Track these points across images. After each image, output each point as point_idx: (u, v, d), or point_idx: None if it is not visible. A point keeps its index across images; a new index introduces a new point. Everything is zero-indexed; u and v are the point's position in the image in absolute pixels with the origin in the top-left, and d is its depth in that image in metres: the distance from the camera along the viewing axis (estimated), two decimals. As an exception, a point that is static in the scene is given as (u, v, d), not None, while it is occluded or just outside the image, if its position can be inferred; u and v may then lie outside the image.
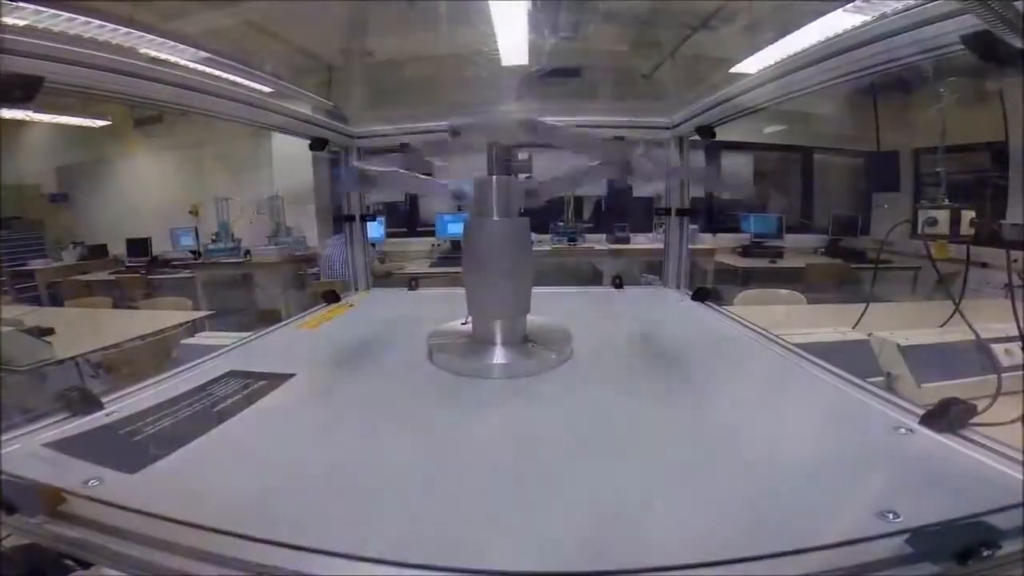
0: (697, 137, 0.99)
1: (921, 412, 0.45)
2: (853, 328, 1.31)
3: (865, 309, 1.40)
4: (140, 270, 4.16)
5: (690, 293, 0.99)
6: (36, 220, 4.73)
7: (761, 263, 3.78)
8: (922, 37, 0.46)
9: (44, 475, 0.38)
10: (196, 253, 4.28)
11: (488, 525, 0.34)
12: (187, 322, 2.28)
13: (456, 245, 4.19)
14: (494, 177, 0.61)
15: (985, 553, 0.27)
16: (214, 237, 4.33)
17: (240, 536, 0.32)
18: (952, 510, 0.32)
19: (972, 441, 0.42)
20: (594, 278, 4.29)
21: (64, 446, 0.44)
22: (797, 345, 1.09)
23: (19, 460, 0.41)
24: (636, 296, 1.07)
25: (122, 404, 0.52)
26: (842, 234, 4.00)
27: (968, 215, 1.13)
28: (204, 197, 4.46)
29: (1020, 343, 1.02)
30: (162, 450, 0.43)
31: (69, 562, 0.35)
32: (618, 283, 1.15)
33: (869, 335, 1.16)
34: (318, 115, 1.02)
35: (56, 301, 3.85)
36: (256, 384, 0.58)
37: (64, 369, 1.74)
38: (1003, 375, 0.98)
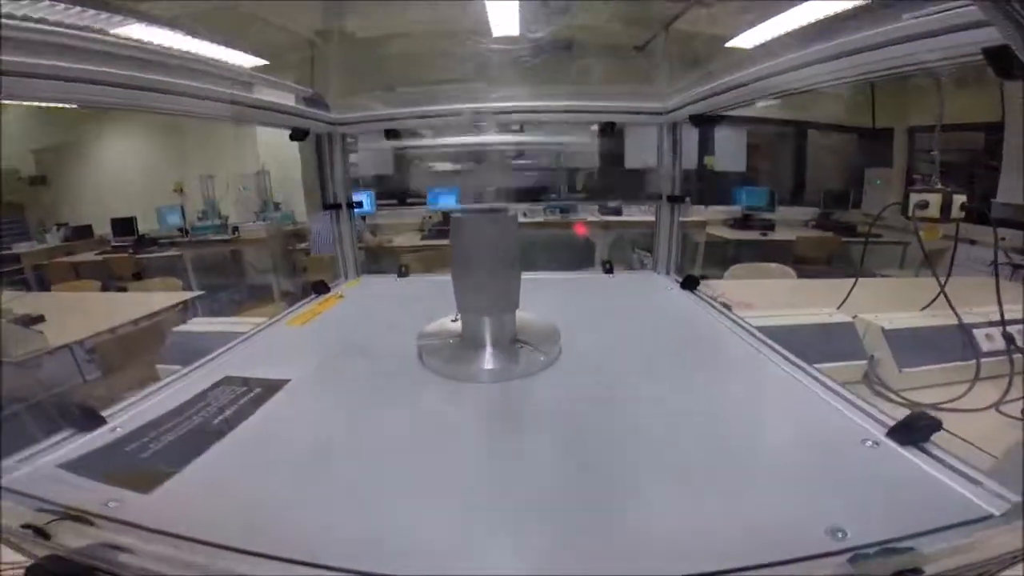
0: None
1: (891, 423, 0.47)
2: (839, 308, 1.34)
3: (852, 287, 1.43)
4: (127, 249, 4.10)
5: (679, 280, 1.00)
6: (16, 203, 4.61)
7: (752, 235, 3.80)
8: (941, 45, 0.44)
9: (69, 498, 0.39)
10: (184, 231, 4.20)
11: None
12: (178, 304, 2.27)
13: (448, 217, 4.16)
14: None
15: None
16: (201, 215, 4.25)
17: (256, 555, 0.33)
18: (900, 529, 0.33)
19: (935, 457, 0.43)
20: (586, 250, 4.30)
21: (78, 467, 0.45)
22: (782, 328, 1.12)
23: (41, 483, 0.42)
24: (626, 283, 1.07)
25: (124, 417, 0.53)
26: (834, 207, 4.01)
27: (959, 199, 1.13)
28: (188, 175, 4.35)
29: (1001, 329, 1.05)
30: (172, 467, 0.44)
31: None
32: (608, 267, 1.15)
33: (854, 317, 1.19)
34: (298, 104, 0.98)
35: (43, 285, 3.80)
36: (253, 391, 0.59)
37: (58, 359, 1.74)
38: (982, 360, 1.02)
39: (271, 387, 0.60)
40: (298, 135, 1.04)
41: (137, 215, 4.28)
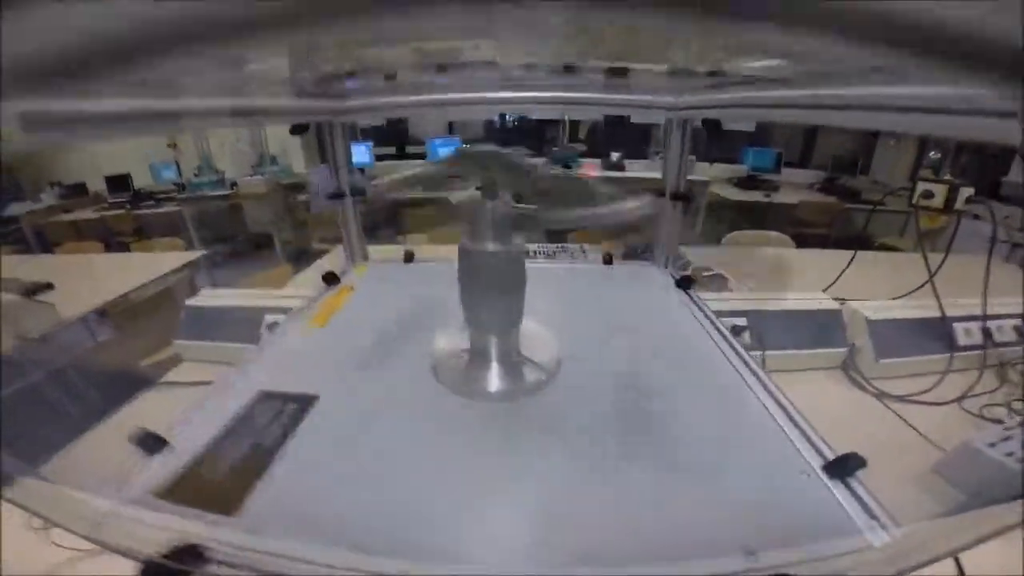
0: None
1: (830, 458, 0.53)
2: (828, 289, 1.38)
3: (847, 265, 1.46)
4: (125, 205, 4.06)
5: (676, 278, 1.04)
6: (6, 165, 4.50)
7: (755, 196, 3.77)
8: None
9: (175, 524, 0.47)
10: (180, 186, 4.15)
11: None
12: (184, 266, 2.30)
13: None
14: (489, 204, 0.61)
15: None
16: (197, 171, 4.17)
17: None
18: (800, 556, 0.41)
19: (852, 491, 0.50)
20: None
21: (166, 495, 0.51)
22: (771, 313, 1.17)
23: (141, 515, 0.48)
24: (623, 279, 1.10)
25: (177, 435, 0.60)
26: (841, 172, 3.94)
27: (966, 192, 1.15)
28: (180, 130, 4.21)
29: (980, 324, 1.10)
30: (246, 487, 0.52)
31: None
32: (608, 259, 1.18)
33: (842, 304, 1.24)
34: (296, 94, 0.96)
35: (45, 246, 3.80)
36: (289, 407, 0.65)
37: (73, 330, 1.78)
38: (960, 355, 1.08)
39: (304, 402, 0.66)
40: (298, 130, 1.03)
41: (131, 171, 4.19)
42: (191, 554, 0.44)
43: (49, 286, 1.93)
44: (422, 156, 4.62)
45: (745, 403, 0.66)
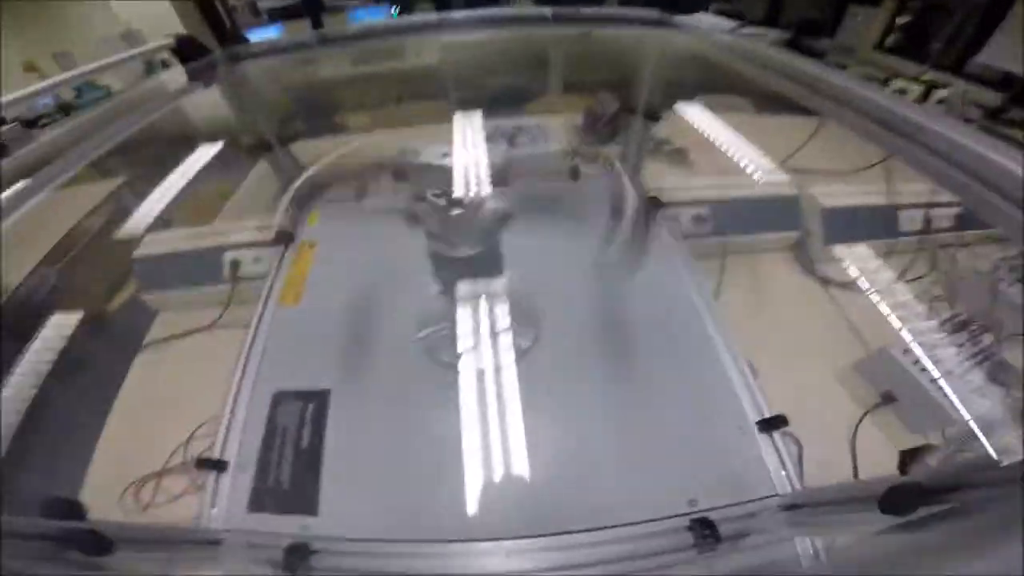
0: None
1: (767, 414, 0.64)
2: (787, 161, 1.40)
3: (808, 140, 1.45)
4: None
5: (644, 198, 1.04)
6: None
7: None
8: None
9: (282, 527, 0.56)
10: (65, 109, 3.49)
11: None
12: (104, 202, 2.01)
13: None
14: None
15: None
16: (76, 91, 3.47)
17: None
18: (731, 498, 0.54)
19: (775, 447, 0.62)
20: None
21: (260, 505, 0.60)
22: (731, 202, 1.20)
23: (246, 525, 0.57)
24: (590, 196, 1.08)
25: (227, 450, 0.65)
26: (806, 34, 3.65)
27: (940, 94, 1.12)
28: (36, 54, 3.41)
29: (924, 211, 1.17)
30: (313, 488, 0.60)
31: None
32: (575, 171, 1.15)
33: (797, 190, 1.29)
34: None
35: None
36: (310, 405, 0.70)
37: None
38: (898, 240, 1.16)
39: (320, 399, 0.70)
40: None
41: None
42: (301, 553, 0.52)
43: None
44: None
45: (700, 355, 0.74)
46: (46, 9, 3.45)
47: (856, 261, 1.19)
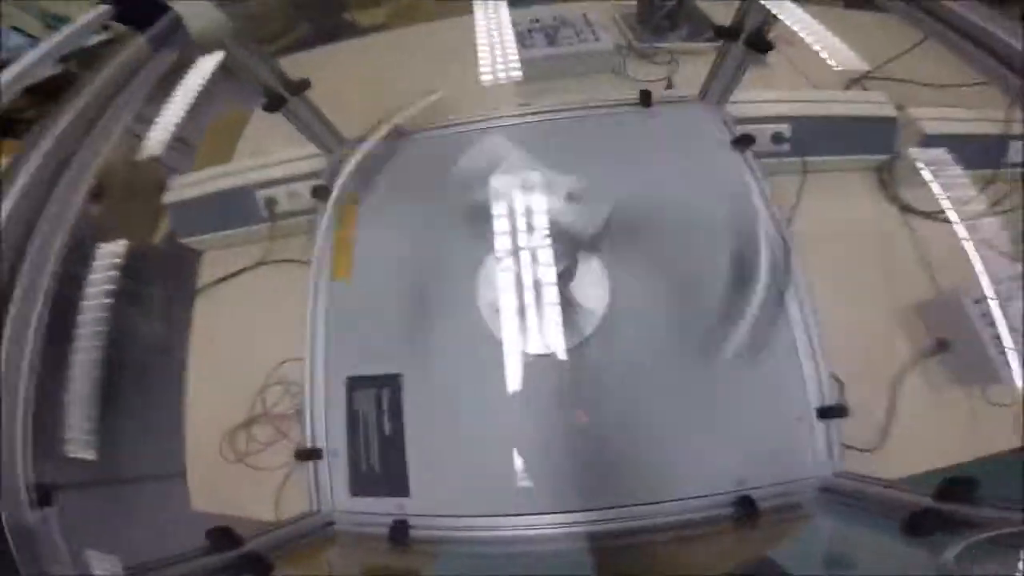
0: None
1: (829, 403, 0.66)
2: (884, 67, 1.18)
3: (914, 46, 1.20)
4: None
5: (731, 137, 0.91)
6: None
7: None
8: None
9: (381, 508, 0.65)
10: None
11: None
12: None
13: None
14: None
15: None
16: (50, 23, 2.99)
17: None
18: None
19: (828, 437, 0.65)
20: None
21: (360, 490, 0.67)
22: (818, 119, 1.06)
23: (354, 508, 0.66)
24: (665, 130, 0.93)
25: (319, 437, 0.71)
26: None
27: None
28: None
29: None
30: (402, 470, 0.67)
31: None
32: (646, 97, 0.99)
33: (899, 110, 1.11)
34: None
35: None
36: (384, 389, 0.72)
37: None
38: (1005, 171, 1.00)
39: (393, 383, 0.72)
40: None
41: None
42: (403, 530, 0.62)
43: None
44: None
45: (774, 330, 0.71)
46: None
47: (948, 191, 1.07)
